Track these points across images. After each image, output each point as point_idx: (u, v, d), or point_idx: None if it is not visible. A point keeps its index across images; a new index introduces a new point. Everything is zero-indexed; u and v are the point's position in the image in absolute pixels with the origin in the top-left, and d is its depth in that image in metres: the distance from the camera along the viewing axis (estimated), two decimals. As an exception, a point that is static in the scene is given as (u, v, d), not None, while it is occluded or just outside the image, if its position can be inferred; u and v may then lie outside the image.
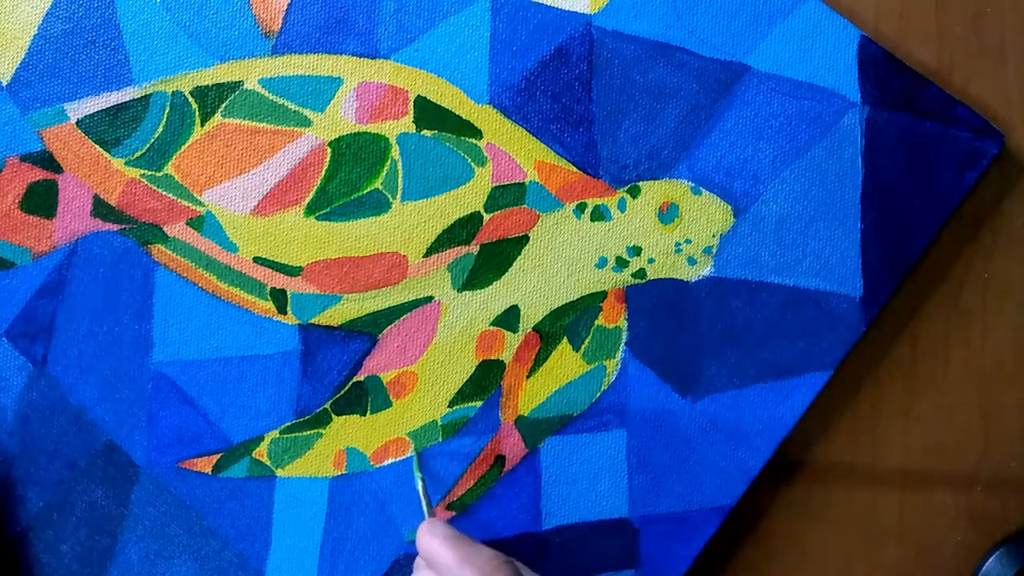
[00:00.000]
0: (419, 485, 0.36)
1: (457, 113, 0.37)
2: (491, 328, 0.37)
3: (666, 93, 0.37)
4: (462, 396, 0.37)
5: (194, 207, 0.37)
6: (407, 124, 0.37)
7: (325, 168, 0.36)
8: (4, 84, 0.36)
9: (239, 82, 0.36)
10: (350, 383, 0.37)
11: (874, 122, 0.36)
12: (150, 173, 0.36)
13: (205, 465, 0.36)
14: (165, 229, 0.37)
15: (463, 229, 0.37)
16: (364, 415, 0.37)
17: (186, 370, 0.36)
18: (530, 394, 0.37)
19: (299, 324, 0.37)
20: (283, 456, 0.37)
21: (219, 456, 0.36)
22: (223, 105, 0.36)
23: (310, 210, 0.36)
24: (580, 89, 0.37)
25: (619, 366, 0.37)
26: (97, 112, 0.36)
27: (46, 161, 0.37)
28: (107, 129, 0.36)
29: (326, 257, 0.37)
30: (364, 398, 0.37)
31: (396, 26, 0.37)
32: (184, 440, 0.36)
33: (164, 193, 0.37)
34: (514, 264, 0.37)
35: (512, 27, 0.37)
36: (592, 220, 0.37)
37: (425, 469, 0.37)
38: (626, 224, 0.37)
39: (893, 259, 0.36)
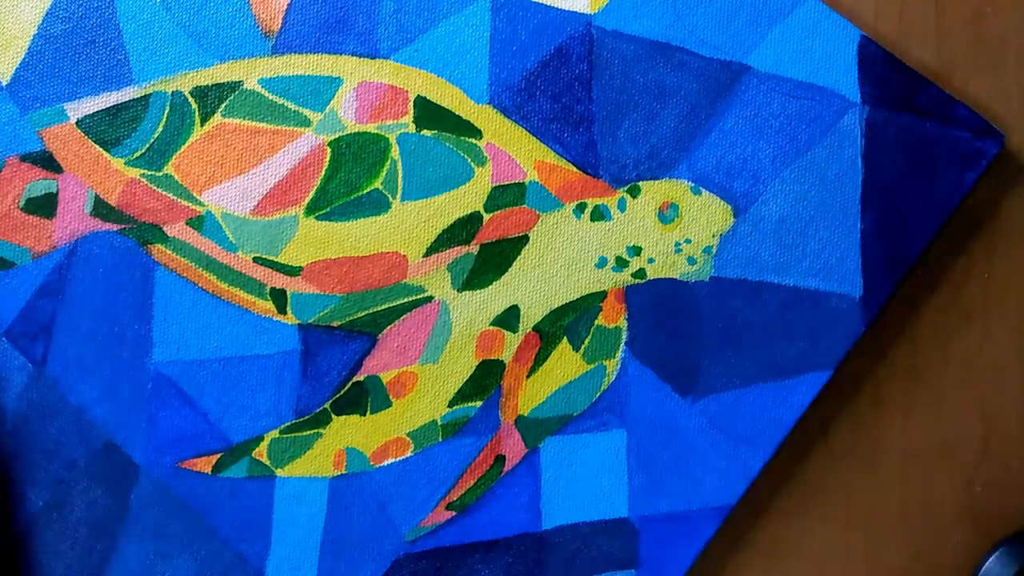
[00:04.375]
0: None
1: (457, 113, 0.37)
2: (491, 328, 0.37)
3: (666, 93, 0.37)
4: (462, 396, 0.37)
5: (194, 207, 0.37)
6: (407, 124, 0.37)
7: (325, 168, 0.36)
8: (4, 84, 0.36)
9: (239, 82, 0.37)
10: (350, 383, 0.37)
11: (874, 122, 0.36)
12: (150, 173, 0.37)
13: (205, 465, 0.36)
14: (165, 229, 0.37)
15: (463, 229, 0.37)
16: (364, 415, 0.37)
17: (186, 370, 0.36)
18: (530, 394, 0.37)
19: (299, 324, 0.37)
20: (283, 456, 0.37)
21: (219, 456, 0.36)
22: (223, 105, 0.36)
23: (310, 210, 0.36)
24: (580, 89, 0.37)
25: (619, 366, 0.37)
26: (97, 112, 0.36)
27: (46, 161, 0.37)
28: (107, 129, 0.36)
29: (326, 257, 0.37)
30: (364, 398, 0.37)
31: (396, 26, 0.37)
32: (184, 440, 0.36)
33: (164, 193, 0.37)
34: (514, 264, 0.37)
35: (512, 27, 0.37)
36: (592, 220, 0.37)
37: (428, 466, 0.37)
38: (626, 224, 0.37)
39: (893, 259, 0.36)
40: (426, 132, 0.37)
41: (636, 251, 0.37)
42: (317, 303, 0.37)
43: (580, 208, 0.37)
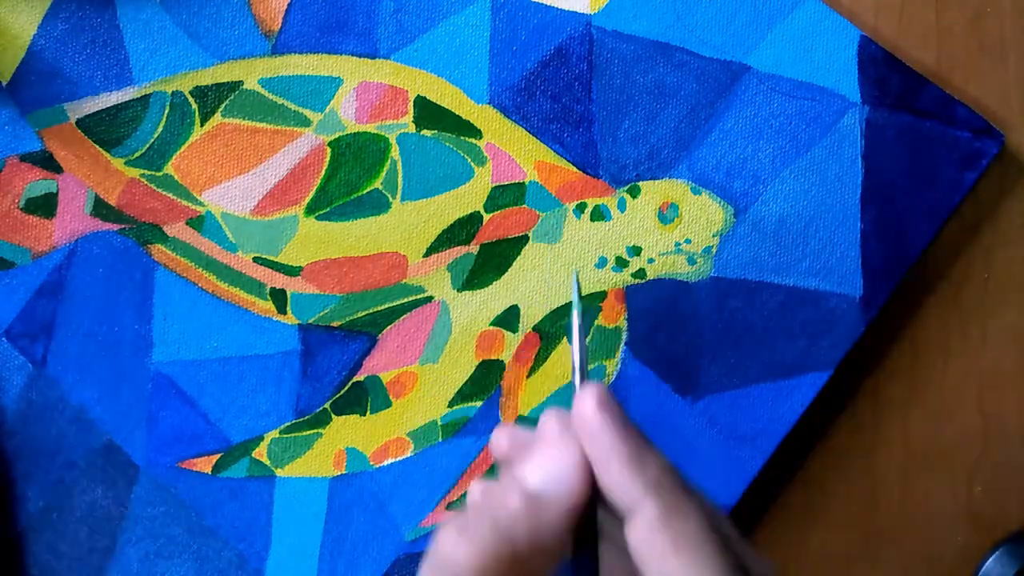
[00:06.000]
0: (575, 333, 0.28)
1: (457, 113, 0.37)
2: (491, 328, 0.37)
3: (666, 93, 0.37)
4: (462, 396, 0.37)
5: (194, 207, 0.37)
6: (407, 124, 0.37)
7: (325, 168, 0.36)
8: (4, 84, 0.36)
9: (239, 82, 0.36)
10: (350, 383, 0.37)
11: (874, 122, 0.36)
12: (150, 173, 0.37)
13: (205, 465, 0.36)
14: (165, 229, 0.37)
15: (463, 229, 0.37)
16: (364, 415, 0.37)
17: (186, 370, 0.36)
18: (530, 394, 0.37)
19: (299, 324, 0.37)
20: (283, 456, 0.37)
21: (219, 456, 0.36)
22: (223, 105, 0.36)
23: (310, 210, 0.36)
24: (580, 89, 0.37)
25: (619, 366, 0.37)
26: (97, 112, 0.36)
27: (46, 161, 0.37)
28: (107, 129, 0.36)
29: (326, 257, 0.37)
30: (364, 398, 0.37)
31: (396, 26, 0.37)
32: (184, 440, 0.36)
33: (164, 193, 0.37)
34: (514, 264, 0.37)
35: (512, 27, 0.37)
36: (592, 220, 0.37)
37: (428, 466, 0.37)
38: (626, 224, 0.37)
39: (893, 259, 0.36)
40: (426, 132, 0.37)
41: (636, 251, 0.37)
42: (317, 303, 0.37)
43: (580, 208, 0.37)
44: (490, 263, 0.37)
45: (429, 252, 0.37)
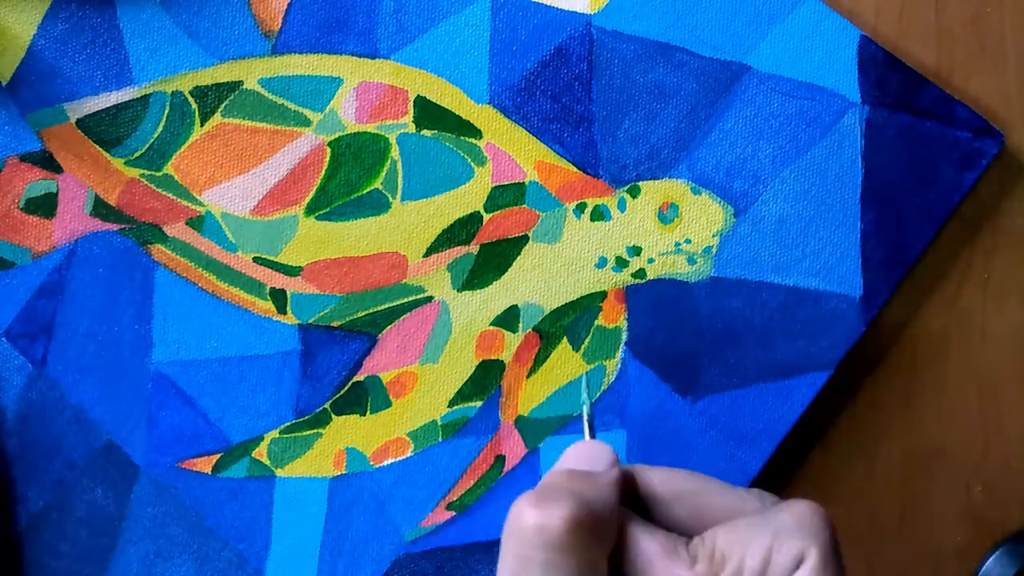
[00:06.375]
0: (585, 409, 0.31)
1: (457, 113, 0.37)
2: (491, 328, 0.37)
3: (666, 93, 0.37)
4: (462, 396, 0.37)
5: (194, 207, 0.37)
6: (407, 124, 0.37)
7: (325, 168, 0.36)
8: (4, 84, 0.36)
9: (239, 82, 0.37)
10: (350, 383, 0.37)
11: (874, 122, 0.36)
12: (150, 173, 0.37)
13: (205, 465, 0.36)
14: (165, 229, 0.37)
15: (463, 229, 0.37)
16: (364, 415, 0.37)
17: (186, 370, 0.36)
18: (530, 394, 0.37)
19: (299, 324, 0.37)
20: (283, 456, 0.37)
21: (219, 456, 0.36)
22: (223, 105, 0.36)
23: (310, 210, 0.36)
24: (580, 89, 0.37)
25: (619, 366, 0.37)
26: (97, 112, 0.36)
27: (46, 161, 0.37)
28: (107, 129, 0.36)
29: (326, 257, 0.37)
30: (364, 398, 0.37)
31: (396, 26, 0.37)
32: (184, 440, 0.36)
33: (164, 193, 0.37)
34: (514, 264, 0.37)
35: (512, 27, 0.37)
36: (592, 220, 0.37)
37: (428, 466, 0.37)
38: (626, 224, 0.37)
39: (893, 259, 0.36)
40: (426, 132, 0.37)
41: (636, 251, 0.37)
42: (317, 303, 0.37)
43: (580, 208, 0.37)
44: (490, 263, 0.37)
45: (429, 252, 0.37)
